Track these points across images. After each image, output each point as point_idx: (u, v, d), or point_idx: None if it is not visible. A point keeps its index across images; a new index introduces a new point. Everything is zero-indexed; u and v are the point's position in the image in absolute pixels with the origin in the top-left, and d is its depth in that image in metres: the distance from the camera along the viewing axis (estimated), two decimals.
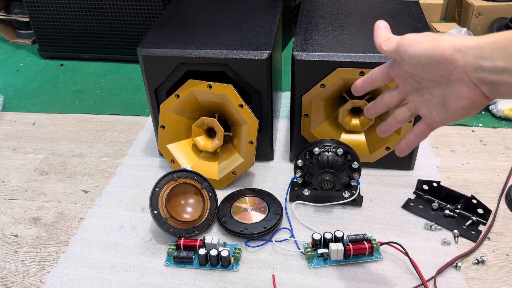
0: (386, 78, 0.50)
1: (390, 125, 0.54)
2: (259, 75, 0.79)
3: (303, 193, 0.78)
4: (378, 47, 0.48)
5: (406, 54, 0.44)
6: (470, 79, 0.40)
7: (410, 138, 0.51)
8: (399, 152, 0.54)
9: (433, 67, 0.42)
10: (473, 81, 0.40)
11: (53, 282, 0.68)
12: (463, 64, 0.39)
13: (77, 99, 1.20)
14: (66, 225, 0.79)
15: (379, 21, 0.50)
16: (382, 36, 0.48)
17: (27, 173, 0.93)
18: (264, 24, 0.87)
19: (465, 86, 0.41)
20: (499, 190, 0.83)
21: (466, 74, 0.40)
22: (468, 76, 0.40)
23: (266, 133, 0.87)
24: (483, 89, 0.40)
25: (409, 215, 0.78)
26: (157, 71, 0.81)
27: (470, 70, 0.39)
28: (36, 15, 1.34)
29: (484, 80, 0.39)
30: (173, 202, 0.75)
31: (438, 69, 0.41)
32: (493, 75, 0.38)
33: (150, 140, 1.00)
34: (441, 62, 0.41)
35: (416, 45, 0.43)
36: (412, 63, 0.44)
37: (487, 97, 0.40)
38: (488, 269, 0.68)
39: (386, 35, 0.48)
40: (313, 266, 0.69)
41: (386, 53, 0.47)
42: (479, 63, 0.38)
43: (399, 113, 0.51)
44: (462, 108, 0.42)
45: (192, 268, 0.69)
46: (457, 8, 1.51)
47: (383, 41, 0.48)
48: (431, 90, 0.45)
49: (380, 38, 0.48)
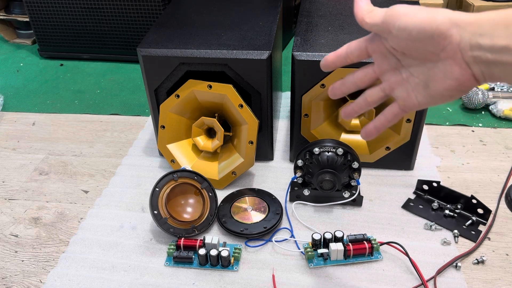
0: (363, 54, 0.45)
1: (358, 106, 0.48)
2: (259, 75, 0.79)
3: (303, 193, 0.78)
4: (360, 20, 0.43)
5: (395, 27, 0.39)
6: (463, 57, 0.37)
7: (380, 121, 0.47)
8: (365, 135, 0.48)
9: (424, 41, 0.38)
10: (466, 60, 0.37)
11: (53, 282, 0.68)
12: (458, 40, 0.36)
13: (77, 99, 1.20)
14: (66, 225, 0.79)
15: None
16: (364, 9, 0.43)
17: (27, 173, 0.93)
18: (264, 24, 0.87)
19: (455, 65, 0.37)
20: (499, 190, 0.83)
21: (460, 51, 0.37)
22: (462, 54, 0.37)
23: (266, 133, 0.87)
24: (475, 70, 0.37)
25: (409, 215, 0.78)
26: (157, 71, 0.81)
27: (465, 47, 0.36)
28: (36, 15, 1.34)
29: (480, 59, 0.36)
30: (173, 202, 0.75)
31: (429, 44, 0.38)
32: (491, 54, 0.35)
33: (150, 140, 1.00)
34: (434, 36, 0.37)
35: (409, 16, 0.38)
36: (401, 37, 0.39)
37: (477, 80, 0.37)
38: (488, 269, 0.68)
39: (368, 7, 0.43)
40: (313, 266, 0.69)
41: (369, 26, 0.42)
42: (476, 40, 0.35)
43: (371, 93, 0.46)
44: (447, 90, 0.39)
45: (192, 268, 0.69)
46: (457, 8, 1.51)
47: (366, 14, 0.42)
48: (412, 69, 0.41)
49: (362, 11, 0.43)
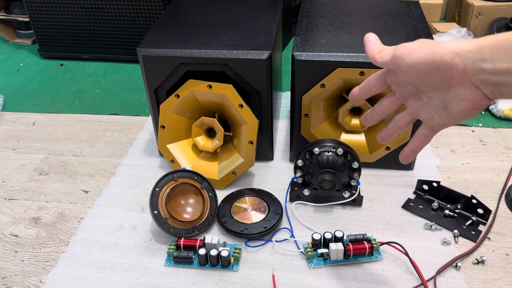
0: (383, 85, 0.50)
1: (390, 131, 0.53)
2: (259, 75, 0.79)
3: (303, 193, 0.78)
4: (372, 59, 0.48)
5: (403, 64, 0.43)
6: (472, 81, 0.40)
7: (414, 144, 0.51)
8: (404, 159, 0.53)
9: (433, 73, 0.41)
10: (474, 83, 0.40)
11: (53, 282, 0.68)
12: (463, 67, 0.39)
13: (77, 99, 1.20)
14: (66, 225, 0.79)
15: (368, 34, 0.49)
16: (375, 49, 0.47)
17: (27, 173, 0.93)
18: (264, 24, 0.87)
19: (466, 89, 0.41)
20: (499, 190, 0.83)
21: (467, 77, 0.40)
22: (469, 78, 0.40)
23: (266, 133, 0.87)
24: (485, 91, 0.40)
25: (409, 215, 0.78)
26: (157, 71, 0.81)
27: (471, 72, 0.39)
28: (36, 15, 1.34)
29: (486, 81, 0.39)
30: (173, 202, 0.75)
31: (438, 75, 0.41)
32: (495, 76, 0.38)
33: (150, 140, 1.00)
34: (440, 67, 0.40)
35: (414, 53, 0.42)
36: (410, 72, 0.43)
37: (489, 98, 0.40)
38: (488, 269, 0.68)
39: (378, 47, 0.48)
40: (313, 266, 0.69)
41: (381, 64, 0.47)
42: (479, 65, 0.38)
43: (399, 118, 0.51)
44: (465, 111, 0.42)
45: (192, 268, 0.69)
46: (457, 8, 1.51)
47: (377, 54, 0.47)
48: (430, 94, 0.45)
49: (373, 51, 0.47)
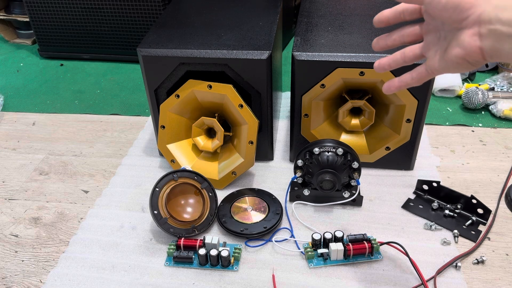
0: (416, 12, 0.50)
1: (393, 59, 0.53)
2: (259, 75, 0.79)
3: (303, 193, 0.78)
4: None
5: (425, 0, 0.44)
6: (480, 29, 0.40)
7: (406, 77, 0.51)
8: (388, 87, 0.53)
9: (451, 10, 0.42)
10: (481, 32, 0.40)
11: (53, 282, 0.68)
12: (480, 12, 0.40)
13: (77, 99, 1.20)
14: (66, 225, 0.79)
15: None
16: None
17: (27, 173, 0.93)
18: (264, 24, 0.87)
19: (468, 36, 0.41)
20: (499, 190, 0.83)
21: (479, 23, 0.40)
22: (480, 25, 0.40)
23: (266, 133, 0.87)
24: (485, 44, 0.40)
25: (409, 215, 0.78)
26: (157, 71, 0.81)
27: (485, 20, 0.39)
28: (36, 15, 1.34)
29: (495, 32, 0.39)
30: (173, 202, 0.75)
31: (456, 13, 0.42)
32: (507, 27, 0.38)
33: (150, 140, 1.00)
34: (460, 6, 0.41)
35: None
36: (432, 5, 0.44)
37: (483, 54, 0.41)
38: (488, 269, 0.68)
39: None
40: (313, 266, 0.69)
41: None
42: (496, 13, 0.39)
43: (411, 48, 0.51)
44: (456, 57, 0.43)
45: (192, 268, 0.69)
46: None
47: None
48: (445, 32, 0.45)
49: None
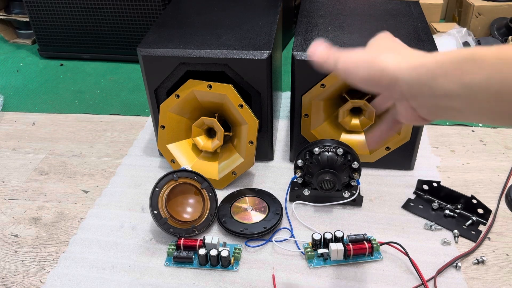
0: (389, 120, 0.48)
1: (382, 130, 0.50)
2: (259, 75, 0.79)
3: (303, 193, 0.78)
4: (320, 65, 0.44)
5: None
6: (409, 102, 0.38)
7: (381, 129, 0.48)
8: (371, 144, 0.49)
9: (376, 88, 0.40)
10: (412, 105, 0.38)
11: (53, 282, 0.68)
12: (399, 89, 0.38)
13: (77, 99, 1.20)
14: (66, 225, 0.79)
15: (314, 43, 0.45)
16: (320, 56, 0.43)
17: (27, 173, 0.93)
18: (264, 24, 0.87)
19: (403, 107, 0.40)
20: (499, 190, 0.83)
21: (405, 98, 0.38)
22: (407, 100, 0.38)
23: (266, 133, 0.86)
24: (422, 112, 0.38)
25: (409, 215, 0.78)
26: (157, 71, 0.81)
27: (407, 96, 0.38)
28: (36, 15, 1.33)
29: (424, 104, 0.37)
30: (173, 202, 0.75)
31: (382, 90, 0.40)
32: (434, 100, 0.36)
33: (150, 140, 1.00)
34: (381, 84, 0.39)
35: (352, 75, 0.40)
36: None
37: (425, 120, 0.40)
38: (488, 269, 0.68)
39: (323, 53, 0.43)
40: (313, 266, 0.69)
41: None
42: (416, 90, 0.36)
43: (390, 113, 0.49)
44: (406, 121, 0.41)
45: (192, 268, 0.69)
46: (457, 8, 1.51)
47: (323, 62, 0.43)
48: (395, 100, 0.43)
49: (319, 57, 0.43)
